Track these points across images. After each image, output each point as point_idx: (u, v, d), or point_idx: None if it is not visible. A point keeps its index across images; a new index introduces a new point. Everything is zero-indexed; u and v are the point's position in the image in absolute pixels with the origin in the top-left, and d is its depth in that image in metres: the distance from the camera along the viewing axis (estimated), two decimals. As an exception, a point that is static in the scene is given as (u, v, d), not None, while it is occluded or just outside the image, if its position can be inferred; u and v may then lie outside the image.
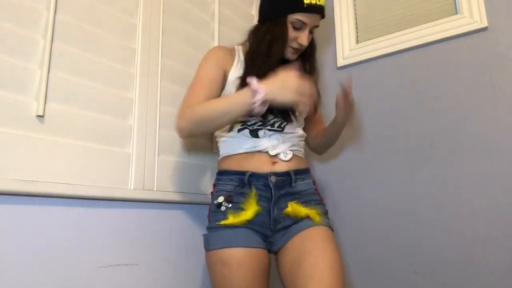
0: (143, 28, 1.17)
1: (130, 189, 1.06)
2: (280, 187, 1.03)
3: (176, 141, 1.22)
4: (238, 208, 1.00)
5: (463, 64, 1.27)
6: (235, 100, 0.96)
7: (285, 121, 1.08)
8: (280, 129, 1.07)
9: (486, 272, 1.14)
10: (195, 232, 1.22)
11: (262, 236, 1.00)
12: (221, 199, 1.02)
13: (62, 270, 0.89)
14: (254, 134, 1.05)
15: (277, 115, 1.07)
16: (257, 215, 0.99)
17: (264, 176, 1.01)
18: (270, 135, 1.05)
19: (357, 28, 1.55)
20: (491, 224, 1.16)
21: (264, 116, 1.04)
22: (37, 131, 0.89)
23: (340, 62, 1.53)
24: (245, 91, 0.94)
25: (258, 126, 1.06)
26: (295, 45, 1.08)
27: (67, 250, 0.90)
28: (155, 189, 1.12)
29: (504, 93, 1.19)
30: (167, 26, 1.25)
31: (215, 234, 0.99)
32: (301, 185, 1.06)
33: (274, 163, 1.04)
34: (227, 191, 1.03)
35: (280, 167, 1.04)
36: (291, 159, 1.05)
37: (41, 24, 0.93)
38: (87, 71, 1.01)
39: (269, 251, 1.02)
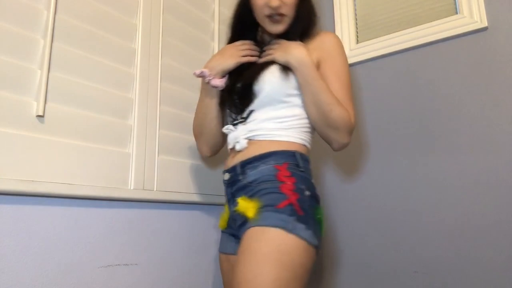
0: (143, 28, 1.17)
1: (130, 189, 1.06)
2: (232, 183, 0.94)
3: (176, 141, 1.22)
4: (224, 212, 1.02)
5: (463, 64, 1.27)
6: (200, 94, 1.06)
7: (243, 106, 0.96)
8: (243, 119, 0.96)
9: (486, 272, 1.14)
10: (195, 232, 1.22)
11: (235, 239, 0.96)
12: None
13: (62, 270, 0.89)
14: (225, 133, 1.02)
15: (239, 103, 0.97)
16: (228, 218, 0.98)
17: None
18: (236, 129, 0.97)
19: (357, 28, 1.55)
20: (492, 224, 1.16)
21: (234, 109, 0.99)
22: (37, 131, 0.88)
23: (340, 62, 1.53)
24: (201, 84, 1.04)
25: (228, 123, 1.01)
26: (266, 11, 0.94)
27: (67, 250, 0.90)
28: (155, 189, 1.11)
29: (504, 92, 1.19)
30: (167, 26, 1.25)
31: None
32: (251, 175, 0.90)
33: (233, 157, 0.97)
34: None
35: (233, 161, 0.96)
36: (245, 148, 0.94)
37: (41, 24, 0.93)
38: (87, 71, 1.01)
39: None
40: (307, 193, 0.86)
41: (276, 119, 0.94)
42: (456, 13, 1.32)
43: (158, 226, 1.12)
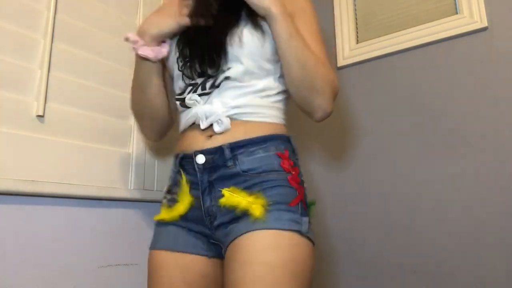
0: (143, 28, 1.17)
1: (130, 189, 1.06)
2: (212, 169, 0.75)
3: (176, 141, 1.22)
4: (173, 200, 0.80)
5: (463, 64, 1.27)
6: (135, 64, 0.86)
7: (203, 69, 0.77)
8: (216, 87, 0.77)
9: (486, 272, 1.14)
10: (195, 232, 1.22)
11: (202, 237, 0.78)
12: (165, 189, 0.85)
13: (62, 270, 0.89)
14: (183, 104, 0.80)
15: (198, 66, 0.78)
16: (191, 208, 0.77)
17: (192, 157, 0.77)
18: (205, 101, 0.78)
19: (357, 28, 1.55)
20: (491, 223, 1.16)
21: (189, 76, 0.80)
22: (37, 131, 0.89)
23: (340, 62, 1.53)
24: None
25: (188, 92, 0.80)
26: None
27: (67, 250, 0.90)
28: (155, 189, 1.11)
29: (504, 93, 1.19)
30: (167, 26, 1.25)
31: (154, 232, 0.84)
32: (245, 162, 0.73)
33: (209, 136, 0.77)
34: (170, 180, 0.84)
35: (214, 142, 0.75)
36: (227, 129, 0.75)
37: (41, 24, 0.93)
38: (87, 71, 1.01)
39: (221, 256, 0.76)
40: (306, 185, 0.77)
41: (261, 92, 0.77)
42: (456, 13, 1.32)
43: (158, 226, 1.12)
